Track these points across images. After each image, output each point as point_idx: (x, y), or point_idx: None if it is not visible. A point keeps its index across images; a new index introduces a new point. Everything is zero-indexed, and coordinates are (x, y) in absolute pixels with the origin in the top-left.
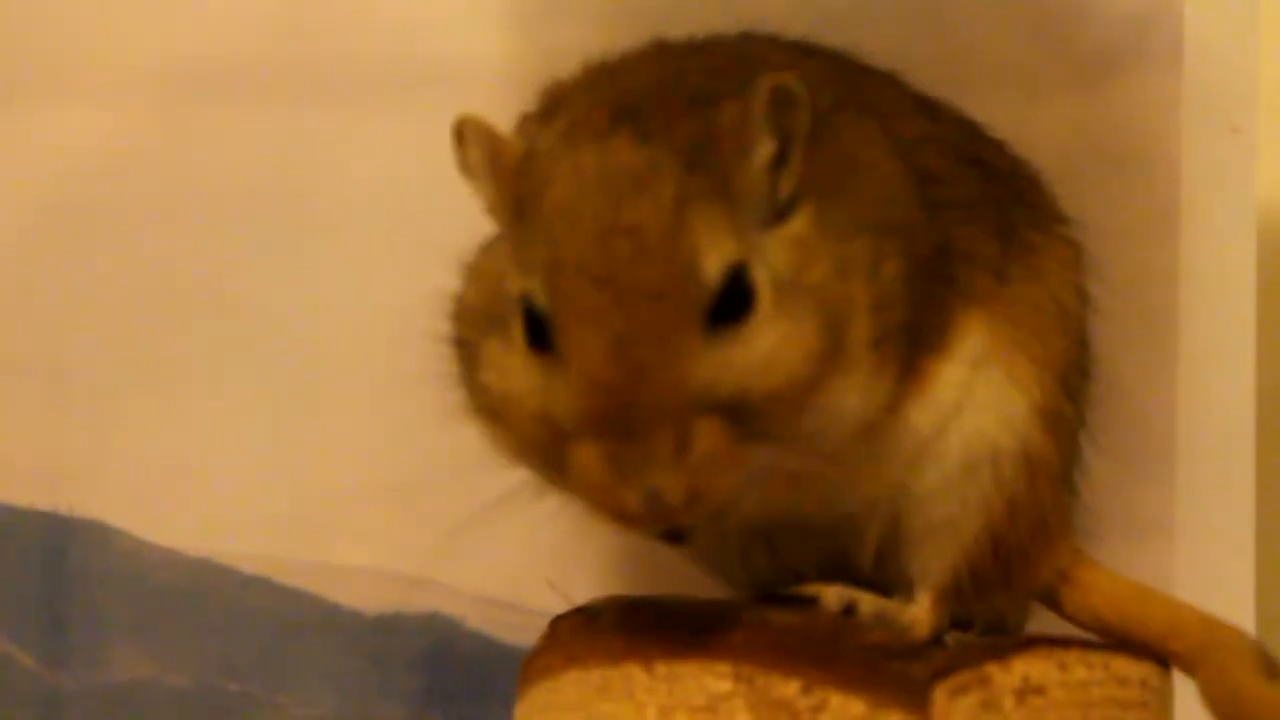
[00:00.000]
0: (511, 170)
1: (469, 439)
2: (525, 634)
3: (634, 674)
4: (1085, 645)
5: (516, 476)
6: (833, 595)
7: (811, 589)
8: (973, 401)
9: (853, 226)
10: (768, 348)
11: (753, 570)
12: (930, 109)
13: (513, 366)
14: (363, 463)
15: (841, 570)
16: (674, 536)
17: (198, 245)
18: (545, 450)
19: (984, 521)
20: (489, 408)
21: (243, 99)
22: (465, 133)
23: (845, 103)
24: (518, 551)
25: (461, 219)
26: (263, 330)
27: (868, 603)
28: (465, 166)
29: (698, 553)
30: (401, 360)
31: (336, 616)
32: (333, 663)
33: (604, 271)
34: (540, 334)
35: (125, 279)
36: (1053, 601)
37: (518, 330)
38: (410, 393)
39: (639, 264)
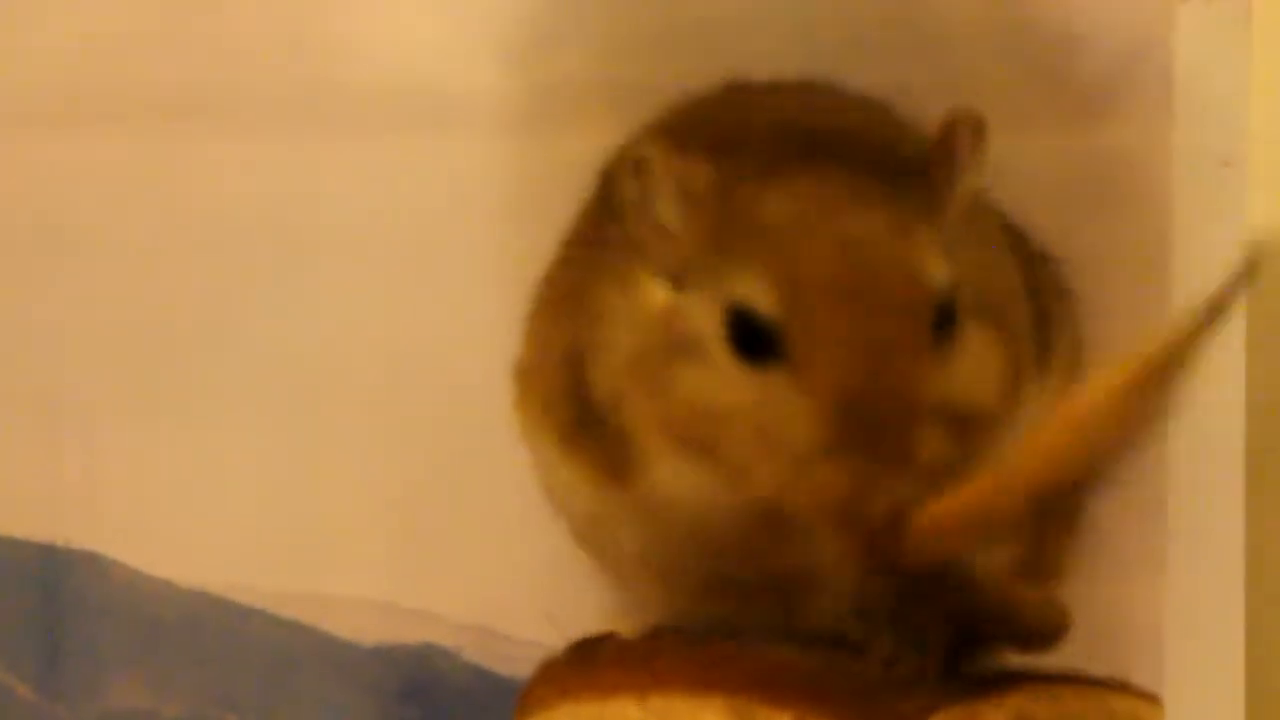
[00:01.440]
0: (707, 198)
1: (465, 472)
2: (520, 665)
3: (627, 708)
4: (1079, 682)
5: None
6: (879, 646)
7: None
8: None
9: (1001, 253)
10: (975, 360)
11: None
12: None
13: (713, 384)
14: (359, 494)
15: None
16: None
17: (194, 275)
18: (758, 473)
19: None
20: (691, 438)
21: (239, 128)
22: (650, 166)
23: None
24: (513, 583)
25: (455, 251)
26: (260, 361)
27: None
28: (641, 197)
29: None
30: (401, 392)
31: (332, 648)
32: (329, 694)
33: (849, 283)
34: (756, 345)
35: (122, 310)
36: None
37: (718, 348)
38: (408, 425)
39: (880, 276)
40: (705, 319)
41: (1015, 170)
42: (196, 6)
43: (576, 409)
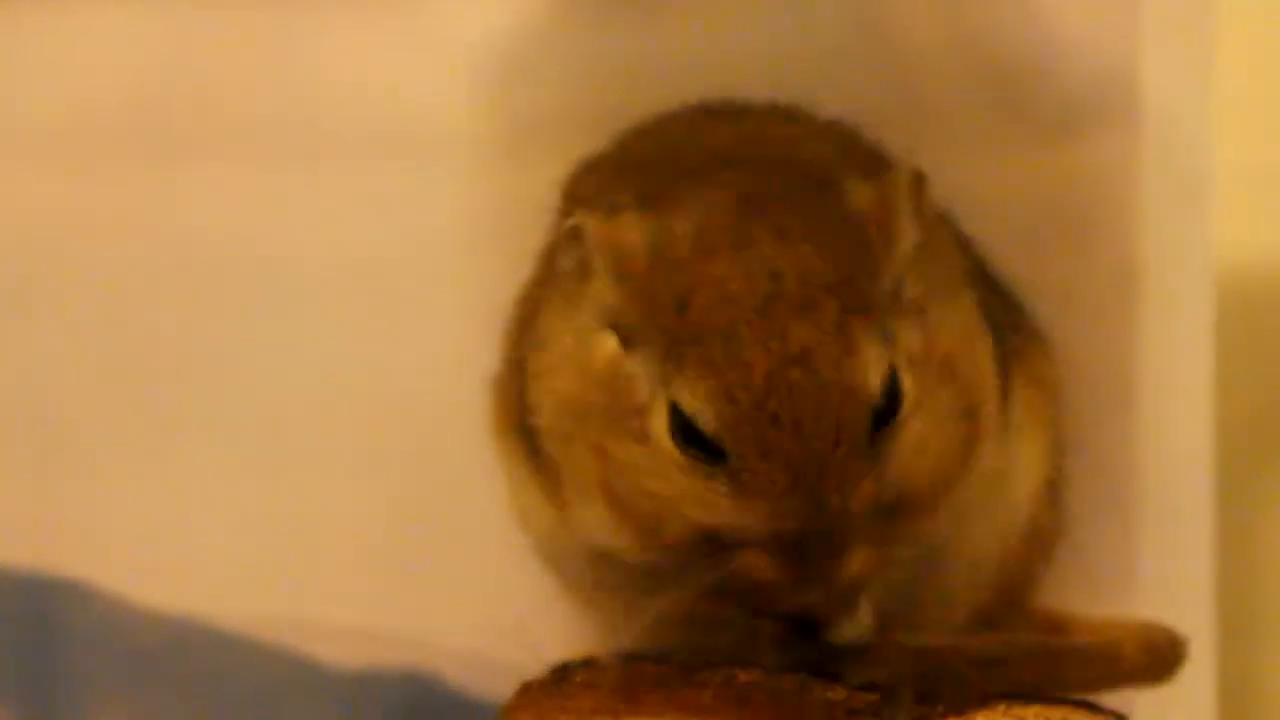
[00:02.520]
0: (642, 277)
1: (448, 497)
2: (502, 690)
3: None
4: (1045, 701)
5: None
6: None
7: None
8: (1008, 470)
9: (949, 285)
10: (917, 442)
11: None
12: None
13: (653, 467)
14: (342, 521)
15: None
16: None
17: (179, 304)
18: (685, 547)
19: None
20: (621, 499)
21: (216, 163)
22: (584, 235)
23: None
24: (497, 608)
25: (432, 279)
26: (243, 389)
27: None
28: (582, 267)
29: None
30: (381, 418)
31: (317, 674)
32: None
33: (782, 410)
34: (693, 438)
35: (107, 339)
36: None
37: (662, 436)
38: (389, 451)
39: (816, 399)
40: (651, 400)
41: (982, 195)
42: (170, 42)
43: (525, 428)
